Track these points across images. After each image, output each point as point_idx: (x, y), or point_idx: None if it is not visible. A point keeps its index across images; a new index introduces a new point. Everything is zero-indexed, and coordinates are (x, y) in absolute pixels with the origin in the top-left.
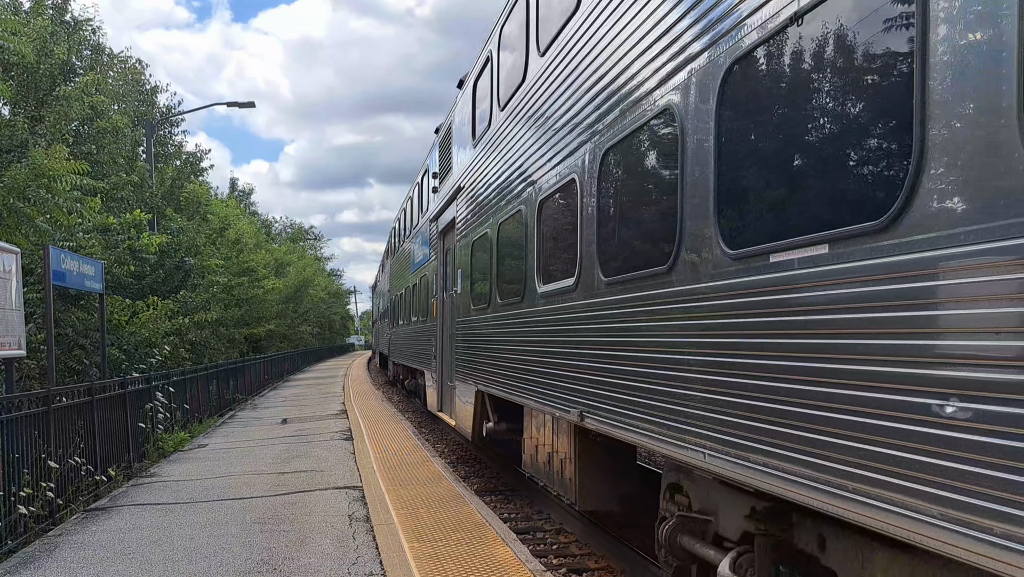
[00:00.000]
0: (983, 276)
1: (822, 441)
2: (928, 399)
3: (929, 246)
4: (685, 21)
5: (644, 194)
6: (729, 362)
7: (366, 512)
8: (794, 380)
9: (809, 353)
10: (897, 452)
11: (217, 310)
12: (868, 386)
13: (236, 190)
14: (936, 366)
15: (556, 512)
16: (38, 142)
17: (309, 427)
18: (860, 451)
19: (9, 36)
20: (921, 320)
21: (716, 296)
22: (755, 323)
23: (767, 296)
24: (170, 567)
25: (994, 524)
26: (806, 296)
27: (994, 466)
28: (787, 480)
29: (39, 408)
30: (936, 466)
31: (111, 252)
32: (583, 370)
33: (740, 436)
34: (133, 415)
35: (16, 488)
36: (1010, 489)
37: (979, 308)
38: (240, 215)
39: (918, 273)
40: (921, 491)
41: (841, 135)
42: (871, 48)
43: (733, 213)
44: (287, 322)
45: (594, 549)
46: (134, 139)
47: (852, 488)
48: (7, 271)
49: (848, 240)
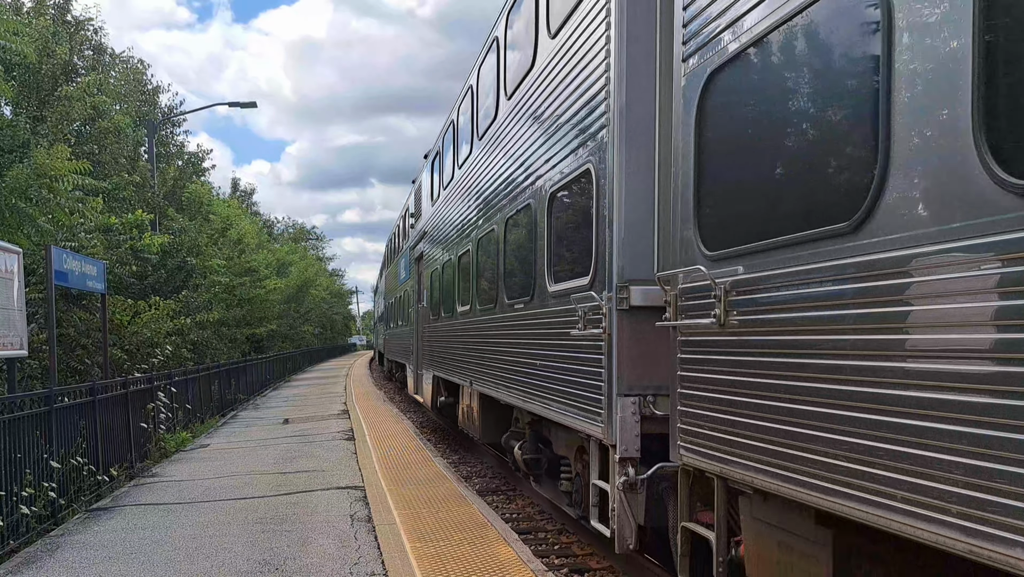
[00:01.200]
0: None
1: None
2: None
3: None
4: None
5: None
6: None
7: (368, 512)
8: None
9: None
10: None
11: (219, 310)
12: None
13: (238, 190)
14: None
15: (557, 512)
16: (40, 142)
17: (311, 427)
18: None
19: (11, 36)
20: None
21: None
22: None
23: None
24: (172, 567)
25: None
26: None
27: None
28: (538, 405)
29: (41, 408)
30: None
31: (113, 252)
32: (477, 358)
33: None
34: (135, 415)
35: (18, 488)
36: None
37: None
38: (242, 215)
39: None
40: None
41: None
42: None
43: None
44: (289, 322)
45: (596, 550)
46: (136, 139)
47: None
48: (9, 271)
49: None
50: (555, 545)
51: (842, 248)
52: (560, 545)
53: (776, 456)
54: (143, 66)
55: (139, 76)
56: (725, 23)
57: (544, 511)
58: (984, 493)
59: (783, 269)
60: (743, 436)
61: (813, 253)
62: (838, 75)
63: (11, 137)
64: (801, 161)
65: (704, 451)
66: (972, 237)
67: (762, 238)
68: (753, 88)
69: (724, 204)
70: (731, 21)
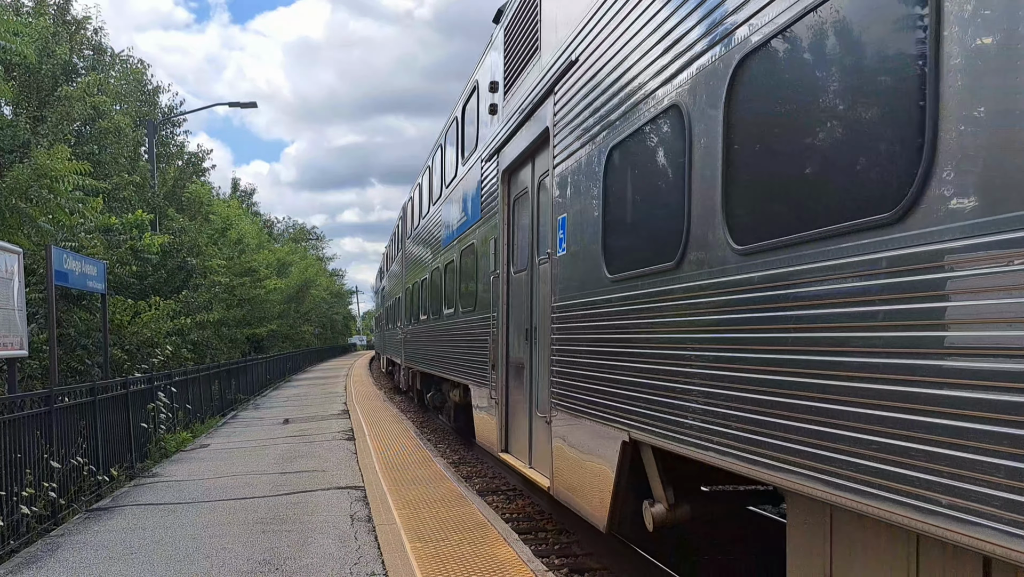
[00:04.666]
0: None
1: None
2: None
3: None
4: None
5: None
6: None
7: (368, 512)
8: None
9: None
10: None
11: (219, 310)
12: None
13: (238, 190)
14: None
15: (557, 511)
16: (40, 142)
17: (311, 427)
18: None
19: (11, 36)
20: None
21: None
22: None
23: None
24: (172, 567)
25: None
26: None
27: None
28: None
29: (41, 408)
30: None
31: (113, 252)
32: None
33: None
34: (135, 415)
35: (18, 488)
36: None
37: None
38: (242, 215)
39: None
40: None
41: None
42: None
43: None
44: (289, 322)
45: (596, 549)
46: (136, 139)
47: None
48: (9, 271)
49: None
50: (555, 545)
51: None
52: (560, 545)
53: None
54: (143, 66)
55: (139, 76)
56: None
57: (544, 511)
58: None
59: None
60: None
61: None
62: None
63: (11, 137)
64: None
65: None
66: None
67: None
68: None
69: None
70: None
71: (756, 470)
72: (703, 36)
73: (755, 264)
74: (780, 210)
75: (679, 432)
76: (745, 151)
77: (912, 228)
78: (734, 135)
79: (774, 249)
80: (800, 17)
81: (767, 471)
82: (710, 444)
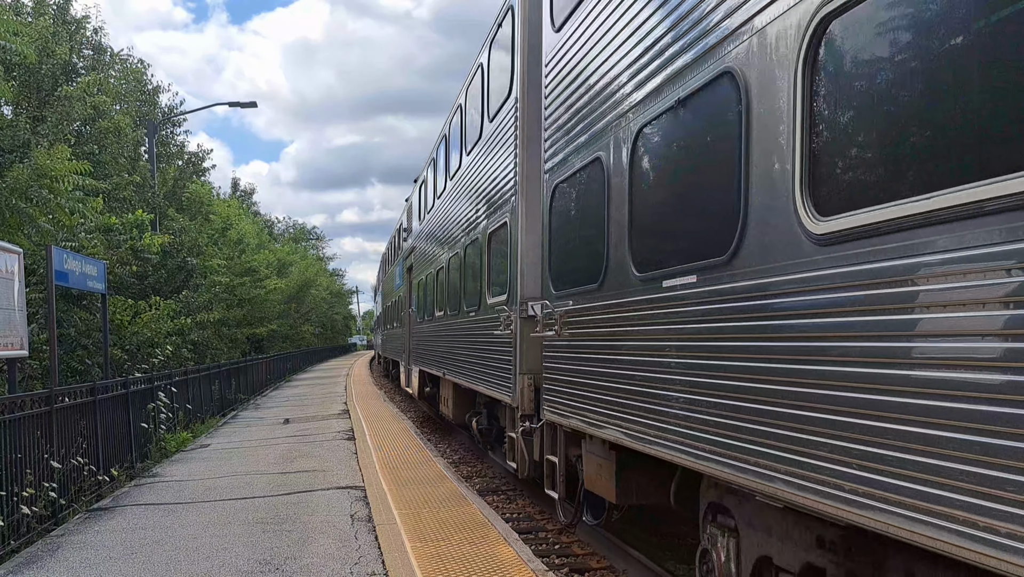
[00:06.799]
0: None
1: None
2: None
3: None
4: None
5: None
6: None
7: (368, 512)
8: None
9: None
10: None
11: (219, 310)
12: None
13: (238, 190)
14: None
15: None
16: (40, 142)
17: (311, 427)
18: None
19: (11, 36)
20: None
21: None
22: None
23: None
24: (172, 567)
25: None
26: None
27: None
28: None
29: (42, 408)
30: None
31: (113, 252)
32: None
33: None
34: (135, 415)
35: (19, 488)
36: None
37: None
38: (242, 215)
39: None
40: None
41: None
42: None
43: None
44: (289, 322)
45: (596, 549)
46: (136, 139)
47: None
48: (10, 271)
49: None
50: (555, 545)
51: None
52: (560, 545)
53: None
54: (143, 66)
55: (139, 76)
56: (557, 165)
57: (544, 511)
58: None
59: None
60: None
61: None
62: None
63: (11, 137)
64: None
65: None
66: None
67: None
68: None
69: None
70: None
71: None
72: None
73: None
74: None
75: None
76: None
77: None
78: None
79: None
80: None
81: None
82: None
